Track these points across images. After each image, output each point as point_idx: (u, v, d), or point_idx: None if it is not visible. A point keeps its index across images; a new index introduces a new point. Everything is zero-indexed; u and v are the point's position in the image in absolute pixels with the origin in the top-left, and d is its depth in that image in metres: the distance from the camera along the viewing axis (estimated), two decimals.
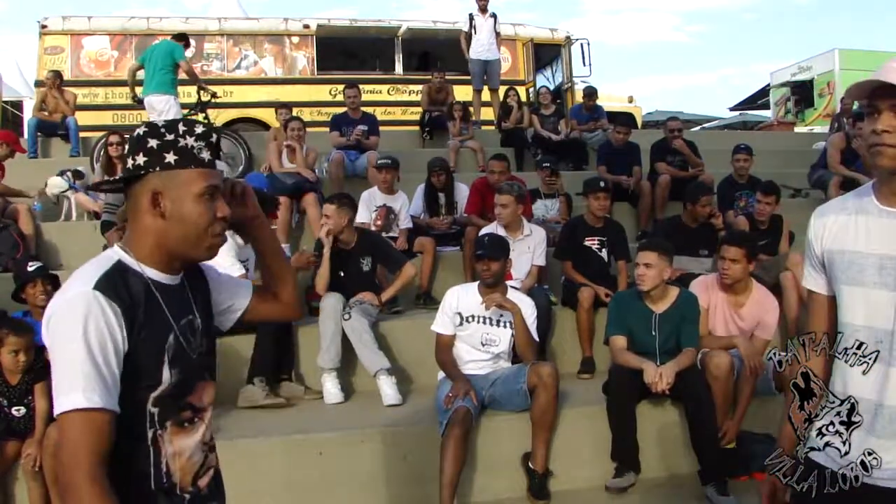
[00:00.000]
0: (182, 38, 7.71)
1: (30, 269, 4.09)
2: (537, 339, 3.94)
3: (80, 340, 1.27)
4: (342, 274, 4.64)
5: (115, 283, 1.35)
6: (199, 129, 1.44)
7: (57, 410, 1.28)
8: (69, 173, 6.69)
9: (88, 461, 1.25)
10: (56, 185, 6.65)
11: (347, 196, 4.91)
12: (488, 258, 3.82)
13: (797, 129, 15.26)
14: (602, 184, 5.31)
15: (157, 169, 1.40)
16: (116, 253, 1.43)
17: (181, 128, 1.43)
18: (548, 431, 3.67)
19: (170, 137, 1.41)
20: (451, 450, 3.39)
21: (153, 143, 1.41)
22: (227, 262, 4.17)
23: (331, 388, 4.23)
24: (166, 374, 1.39)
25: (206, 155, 1.44)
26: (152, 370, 1.38)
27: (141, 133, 1.43)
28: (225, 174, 1.55)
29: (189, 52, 8.17)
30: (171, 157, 1.40)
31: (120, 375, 1.32)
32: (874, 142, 1.44)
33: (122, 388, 1.32)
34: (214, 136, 1.47)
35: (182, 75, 7.39)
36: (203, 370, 1.51)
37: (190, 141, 1.42)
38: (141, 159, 1.41)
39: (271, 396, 4.11)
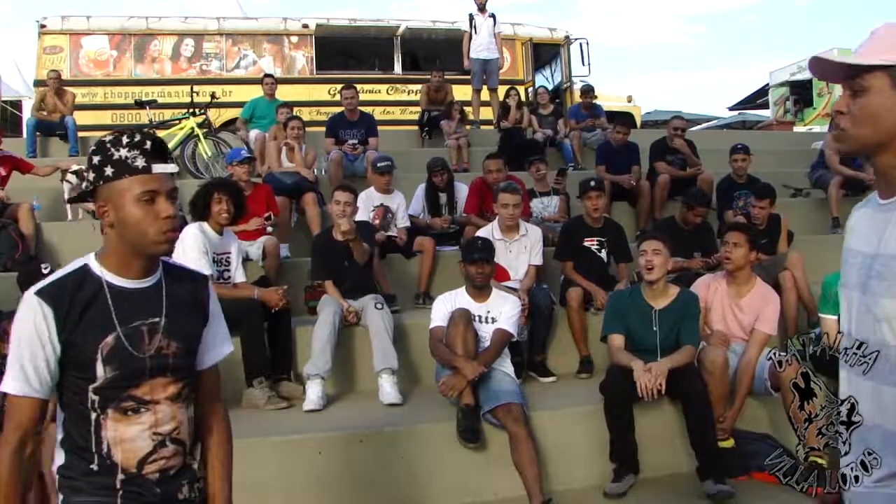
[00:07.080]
0: None
1: (44, 270, 4.01)
2: (515, 335, 3.99)
3: (15, 338, 1.54)
4: (346, 264, 4.66)
5: (59, 288, 1.55)
6: (134, 139, 1.57)
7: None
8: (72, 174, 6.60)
9: (13, 435, 1.54)
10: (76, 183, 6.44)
11: (352, 186, 5.07)
12: (484, 260, 3.85)
13: (796, 129, 15.26)
14: (592, 183, 5.27)
15: (102, 183, 1.57)
16: (87, 258, 1.63)
17: (124, 139, 1.57)
18: (533, 466, 3.49)
19: (109, 152, 1.56)
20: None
21: (96, 159, 1.57)
22: (193, 254, 4.12)
23: (311, 396, 4.04)
24: (100, 370, 1.55)
25: (140, 162, 1.56)
26: (86, 365, 1.55)
27: (92, 149, 1.60)
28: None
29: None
30: (109, 171, 1.56)
31: (58, 367, 1.55)
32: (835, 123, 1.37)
33: (65, 376, 1.56)
34: (150, 142, 1.58)
35: None
36: (160, 369, 1.62)
37: (123, 152, 1.56)
38: (91, 175, 1.59)
39: (273, 400, 4.09)
